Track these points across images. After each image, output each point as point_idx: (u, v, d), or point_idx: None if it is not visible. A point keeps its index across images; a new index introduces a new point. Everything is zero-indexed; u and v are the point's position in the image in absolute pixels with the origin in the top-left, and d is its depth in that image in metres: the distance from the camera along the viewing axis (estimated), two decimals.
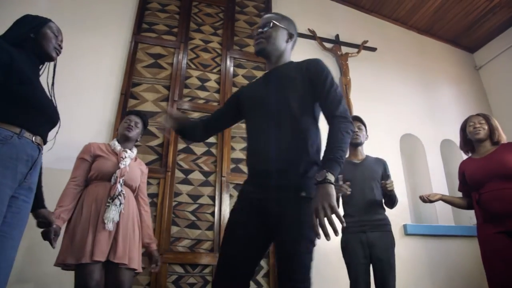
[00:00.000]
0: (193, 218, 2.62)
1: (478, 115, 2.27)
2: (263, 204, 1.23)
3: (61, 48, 1.57)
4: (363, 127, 2.30)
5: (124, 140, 2.07)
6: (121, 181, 1.87)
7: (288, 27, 1.45)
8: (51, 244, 1.61)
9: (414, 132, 3.65)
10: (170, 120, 1.51)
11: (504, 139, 2.16)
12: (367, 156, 2.33)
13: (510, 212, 1.92)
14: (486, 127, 2.17)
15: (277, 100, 1.31)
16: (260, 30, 1.42)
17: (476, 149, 2.22)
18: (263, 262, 2.65)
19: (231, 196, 2.75)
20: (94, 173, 1.89)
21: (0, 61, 1.25)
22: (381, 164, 2.27)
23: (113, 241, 1.77)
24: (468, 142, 2.28)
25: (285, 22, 1.45)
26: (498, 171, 2.01)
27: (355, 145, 2.27)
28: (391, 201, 2.20)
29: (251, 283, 2.56)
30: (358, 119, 2.33)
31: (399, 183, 3.34)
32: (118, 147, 2.01)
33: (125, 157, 1.96)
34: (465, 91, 4.15)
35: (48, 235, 1.59)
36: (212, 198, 2.71)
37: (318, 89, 1.28)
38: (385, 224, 2.11)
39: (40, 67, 1.54)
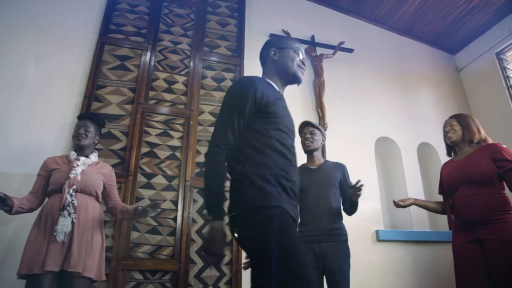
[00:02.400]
0: (154, 223, 2.57)
1: (451, 117, 2.19)
2: None
3: None
4: (316, 131, 2.20)
5: (79, 149, 2.05)
6: (71, 191, 1.84)
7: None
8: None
9: (390, 135, 3.59)
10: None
11: (478, 137, 2.05)
12: (326, 161, 2.26)
13: (480, 219, 1.86)
14: (457, 128, 2.09)
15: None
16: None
17: (457, 151, 2.15)
18: (225, 269, 2.60)
19: (194, 201, 2.70)
20: (50, 187, 1.92)
21: None
22: (340, 169, 2.20)
23: (67, 250, 1.75)
24: (450, 147, 2.21)
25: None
26: (469, 176, 1.94)
27: (309, 151, 2.21)
28: (354, 207, 2.13)
29: None
30: (308, 124, 2.24)
31: (373, 188, 3.28)
32: (72, 156, 2.01)
33: (77, 165, 1.94)
34: (445, 94, 4.08)
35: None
36: (175, 203, 2.65)
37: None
38: (340, 234, 2.03)
39: None
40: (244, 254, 2.62)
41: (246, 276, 2.58)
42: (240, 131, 1.25)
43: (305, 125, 2.22)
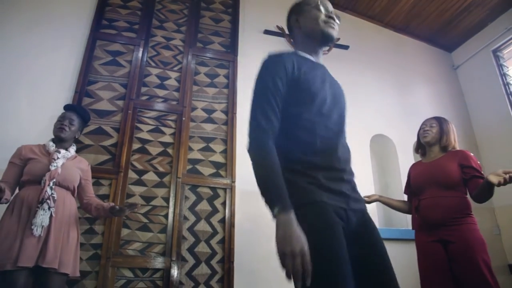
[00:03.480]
0: (145, 220, 2.54)
1: (433, 118, 2.22)
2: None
3: None
4: None
5: (58, 140, 1.98)
6: (51, 184, 1.78)
7: None
8: None
9: (386, 132, 3.56)
10: None
11: (452, 145, 2.10)
12: None
13: (444, 221, 1.90)
14: (435, 130, 2.11)
15: (344, 105, 1.26)
16: (337, 17, 1.26)
17: (426, 153, 2.17)
18: (217, 266, 2.56)
19: (186, 198, 2.67)
20: (25, 177, 1.82)
21: None
22: None
23: (43, 245, 1.69)
24: (421, 145, 2.22)
25: None
26: (437, 179, 1.98)
27: None
28: None
29: None
30: None
31: (368, 185, 3.25)
32: (51, 147, 1.93)
33: (57, 158, 1.87)
34: (441, 91, 4.05)
35: None
36: (166, 199, 2.62)
37: None
38: None
39: None
40: (237, 251, 2.59)
41: (238, 274, 2.55)
42: (280, 112, 1.09)
43: None
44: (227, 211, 2.71)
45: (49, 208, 1.72)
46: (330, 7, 1.26)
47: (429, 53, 4.23)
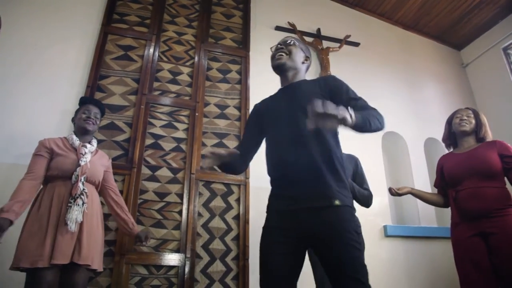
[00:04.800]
0: (159, 216, 2.50)
1: (467, 108, 2.19)
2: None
3: None
4: None
5: (83, 133, 1.95)
6: (82, 179, 1.76)
7: (305, 50, 1.54)
8: None
9: (397, 130, 3.54)
10: (212, 161, 1.33)
11: (489, 137, 2.07)
12: None
13: (486, 211, 1.85)
14: (473, 121, 2.08)
15: (302, 113, 1.31)
16: (280, 45, 1.49)
17: (459, 143, 2.13)
18: (232, 264, 2.53)
19: (200, 194, 2.63)
20: (53, 172, 1.77)
21: None
22: (353, 161, 2.15)
23: (77, 242, 1.66)
24: (451, 135, 2.19)
25: (302, 45, 1.55)
26: (478, 168, 1.93)
27: None
28: (364, 202, 2.08)
29: (219, 285, 2.45)
30: None
31: (380, 182, 3.23)
32: (76, 142, 1.89)
33: (85, 152, 1.84)
34: (451, 89, 4.04)
35: None
36: (180, 196, 2.58)
37: (342, 102, 1.29)
38: None
39: None
40: (252, 248, 2.56)
41: (253, 271, 2.51)
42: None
43: None
44: (241, 207, 2.67)
45: (83, 203, 1.69)
46: (280, 42, 1.53)
47: (438, 51, 4.22)
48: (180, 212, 2.54)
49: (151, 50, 2.93)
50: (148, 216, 2.47)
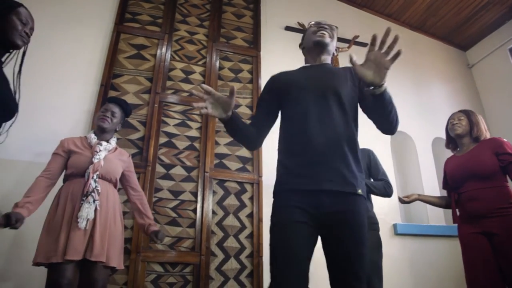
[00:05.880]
0: (174, 214, 2.51)
1: (459, 111, 2.22)
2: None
3: (29, 36, 1.45)
4: None
5: (100, 131, 1.96)
6: (94, 176, 1.76)
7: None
8: (15, 228, 1.52)
9: (405, 130, 3.57)
10: (213, 102, 1.25)
11: (484, 135, 2.09)
12: None
13: (487, 212, 1.88)
14: (464, 123, 2.11)
15: (332, 94, 1.31)
16: (325, 25, 1.46)
17: (459, 146, 2.17)
18: (246, 262, 2.54)
19: (214, 192, 2.65)
20: (70, 170, 1.81)
21: None
22: (366, 154, 2.18)
23: (90, 238, 1.67)
24: (451, 140, 2.23)
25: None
26: (474, 171, 1.96)
27: None
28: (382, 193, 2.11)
29: (234, 283, 2.47)
30: None
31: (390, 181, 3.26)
32: (93, 140, 1.90)
33: (99, 150, 1.85)
34: (457, 89, 4.08)
35: (8, 220, 1.49)
36: (194, 194, 2.59)
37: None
38: (373, 223, 2.01)
39: (4, 55, 1.43)
40: (266, 246, 2.57)
41: (267, 268, 2.52)
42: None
43: None
44: (254, 205, 2.69)
45: (94, 201, 1.70)
46: (321, 21, 1.49)
47: (444, 51, 4.27)
48: (194, 210, 2.55)
49: (164, 49, 2.94)
50: (163, 214, 2.49)
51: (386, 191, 2.08)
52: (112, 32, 2.86)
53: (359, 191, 1.21)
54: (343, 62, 3.50)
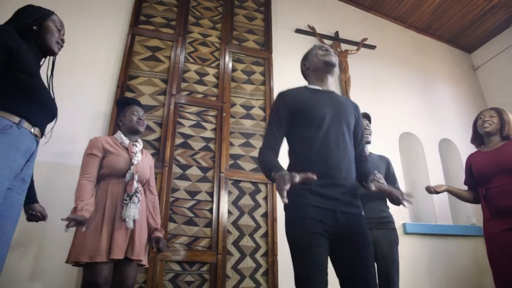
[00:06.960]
0: (191, 214, 2.56)
1: (490, 109, 2.25)
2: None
3: (63, 42, 1.50)
4: (370, 125, 2.26)
5: (132, 133, 1.99)
6: (136, 178, 1.81)
7: None
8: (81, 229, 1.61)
9: (413, 131, 3.64)
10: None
11: None
12: (370, 153, 2.30)
13: None
14: (496, 120, 2.14)
15: (344, 123, 1.45)
16: (331, 49, 1.58)
17: (485, 143, 2.20)
18: (262, 260, 2.60)
19: (229, 192, 2.69)
20: (106, 170, 1.81)
21: (7, 44, 1.20)
22: (384, 161, 2.24)
23: (130, 238, 1.73)
24: (478, 136, 2.26)
25: None
26: (506, 165, 1.99)
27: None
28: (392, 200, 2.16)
29: (250, 281, 2.52)
30: (366, 116, 2.28)
31: (398, 181, 3.31)
32: (126, 141, 1.93)
33: (136, 151, 1.90)
34: (462, 91, 4.15)
35: (80, 223, 1.56)
36: (210, 194, 2.64)
37: (356, 132, 1.53)
38: (389, 222, 2.08)
39: (41, 60, 1.48)
40: (280, 244, 2.62)
41: (282, 267, 2.58)
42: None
43: (363, 116, 2.25)
44: (269, 205, 2.74)
45: (138, 201, 1.75)
46: (325, 45, 1.64)
47: (449, 53, 4.34)
48: (210, 210, 2.60)
49: (178, 51, 2.98)
50: (180, 214, 2.53)
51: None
52: (127, 34, 2.90)
53: (362, 212, 1.41)
54: (353, 65, 3.56)
